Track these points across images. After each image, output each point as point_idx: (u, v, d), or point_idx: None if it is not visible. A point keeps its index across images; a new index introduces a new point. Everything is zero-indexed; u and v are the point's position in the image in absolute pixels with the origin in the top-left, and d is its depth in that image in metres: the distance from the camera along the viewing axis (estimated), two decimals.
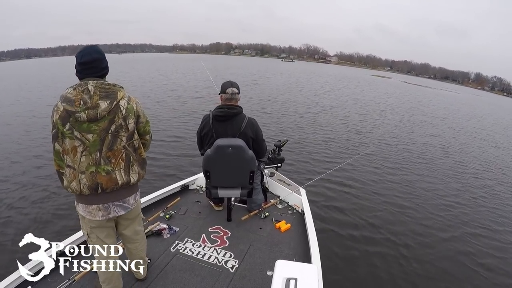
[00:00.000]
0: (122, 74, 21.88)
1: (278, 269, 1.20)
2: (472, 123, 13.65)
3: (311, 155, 6.11)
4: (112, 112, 1.28)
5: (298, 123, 8.92)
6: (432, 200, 4.56)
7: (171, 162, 5.13)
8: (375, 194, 4.54)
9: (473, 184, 5.53)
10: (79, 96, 1.23)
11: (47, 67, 35.94)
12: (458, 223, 3.96)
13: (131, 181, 1.38)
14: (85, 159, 1.27)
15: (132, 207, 1.46)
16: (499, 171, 6.64)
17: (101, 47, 1.37)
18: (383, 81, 42.86)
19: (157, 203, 2.56)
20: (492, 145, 9.24)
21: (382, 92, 23.32)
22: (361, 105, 13.96)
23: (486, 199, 4.87)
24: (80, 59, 1.28)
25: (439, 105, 20.00)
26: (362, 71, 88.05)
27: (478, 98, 43.55)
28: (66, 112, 1.23)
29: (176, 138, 6.61)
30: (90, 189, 1.29)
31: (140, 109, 1.43)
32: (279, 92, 16.10)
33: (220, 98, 2.20)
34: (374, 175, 5.30)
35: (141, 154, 1.44)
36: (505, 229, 3.95)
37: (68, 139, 1.25)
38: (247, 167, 2.03)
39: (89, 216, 1.35)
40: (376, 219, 3.78)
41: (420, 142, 8.16)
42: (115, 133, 1.30)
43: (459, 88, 75.54)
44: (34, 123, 7.44)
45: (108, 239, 1.44)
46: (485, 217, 4.23)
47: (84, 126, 1.24)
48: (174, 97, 12.17)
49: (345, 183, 4.76)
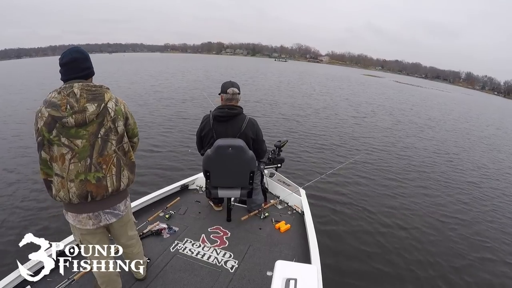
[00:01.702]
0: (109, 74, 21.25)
1: (277, 270, 1.20)
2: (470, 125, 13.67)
3: (311, 155, 6.11)
4: (100, 115, 1.22)
5: (299, 123, 8.91)
6: (433, 200, 4.55)
7: (171, 162, 5.13)
8: (375, 194, 4.54)
9: (484, 186, 5.54)
10: (64, 100, 1.16)
11: (37, 68, 34.76)
12: (461, 223, 3.96)
13: (121, 187, 1.33)
14: (74, 166, 1.20)
15: (123, 214, 1.42)
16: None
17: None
18: (375, 81, 42.81)
19: (157, 203, 2.56)
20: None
21: (380, 92, 23.33)
22: (361, 106, 13.96)
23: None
24: (61, 60, 1.23)
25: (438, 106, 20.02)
26: (353, 71, 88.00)
27: (471, 98, 43.67)
28: (51, 118, 1.15)
29: (176, 138, 6.61)
30: (80, 197, 1.23)
31: (128, 110, 1.38)
32: (280, 91, 16.12)
33: (221, 98, 2.18)
34: (375, 175, 5.30)
35: (131, 157, 1.39)
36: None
37: (56, 146, 1.19)
38: (247, 167, 2.02)
39: (79, 225, 1.32)
40: (376, 220, 3.79)
41: (419, 142, 8.16)
42: (105, 137, 1.24)
43: (450, 88, 75.84)
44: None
45: (100, 244, 1.42)
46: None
47: (72, 131, 1.18)
48: (170, 98, 12.18)
49: (345, 184, 4.76)
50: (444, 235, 3.64)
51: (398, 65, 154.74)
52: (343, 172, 5.00)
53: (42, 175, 1.26)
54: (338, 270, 2.79)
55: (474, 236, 3.70)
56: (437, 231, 3.71)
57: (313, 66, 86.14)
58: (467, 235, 3.71)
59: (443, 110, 17.63)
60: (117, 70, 26.62)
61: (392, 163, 6.20)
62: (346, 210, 3.97)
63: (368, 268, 2.90)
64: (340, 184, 4.73)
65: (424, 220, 3.94)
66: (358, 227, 3.59)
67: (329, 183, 4.62)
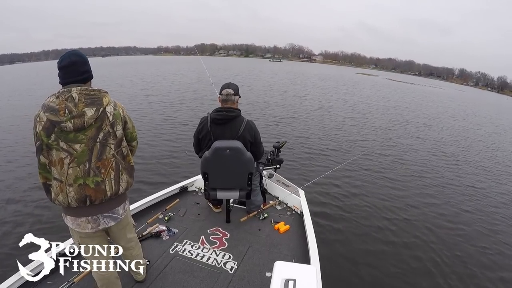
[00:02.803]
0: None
1: (277, 270, 1.20)
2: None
3: (310, 156, 6.11)
4: (99, 119, 1.23)
5: (297, 124, 8.92)
6: (433, 200, 4.56)
7: (170, 164, 5.12)
8: (374, 194, 4.54)
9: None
10: (63, 105, 1.16)
11: (28, 73, 33.09)
12: (464, 223, 3.96)
13: (119, 190, 1.33)
14: (73, 171, 1.21)
15: (121, 217, 1.42)
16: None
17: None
18: (369, 80, 42.61)
19: (156, 205, 2.56)
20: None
21: (378, 92, 23.37)
22: (357, 106, 13.98)
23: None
24: (60, 63, 1.24)
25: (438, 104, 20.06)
26: (347, 70, 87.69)
27: (464, 94, 43.73)
28: (50, 123, 1.16)
29: (175, 139, 6.61)
30: (78, 201, 1.23)
31: (127, 114, 1.38)
32: (280, 90, 16.14)
33: (218, 99, 2.19)
34: (374, 175, 5.31)
35: (130, 161, 1.39)
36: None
37: (55, 151, 1.19)
38: (245, 168, 2.03)
39: (78, 229, 1.32)
40: (376, 220, 3.79)
41: (418, 142, 8.18)
42: (104, 141, 1.25)
43: (444, 84, 76.03)
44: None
45: (100, 246, 1.42)
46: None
47: (70, 136, 1.18)
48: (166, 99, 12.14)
49: (345, 184, 4.77)
50: (444, 235, 3.64)
51: (392, 63, 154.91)
52: (342, 172, 5.01)
53: (41, 179, 1.26)
54: (337, 271, 2.79)
55: (475, 235, 3.70)
56: (438, 231, 3.70)
57: (307, 66, 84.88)
58: (467, 233, 3.72)
59: (439, 108, 17.68)
60: (109, 73, 26.39)
61: (391, 163, 6.20)
62: (345, 210, 3.97)
63: (368, 268, 2.90)
64: (340, 184, 4.73)
65: (425, 220, 3.94)
66: (357, 228, 3.59)
67: (328, 184, 4.62)
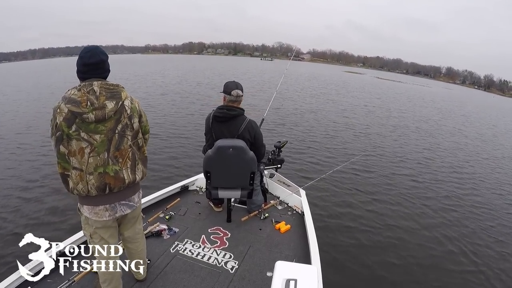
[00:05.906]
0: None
1: (277, 270, 1.20)
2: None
3: (311, 156, 6.11)
4: (118, 112, 1.31)
5: (298, 123, 8.92)
6: (434, 200, 4.55)
7: (171, 163, 5.14)
8: (375, 195, 4.53)
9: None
10: (85, 97, 1.23)
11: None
12: (465, 225, 3.95)
13: (136, 179, 1.41)
14: (93, 160, 1.27)
15: (136, 205, 1.49)
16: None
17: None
18: (357, 78, 42.42)
19: (157, 204, 2.56)
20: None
21: (378, 93, 23.32)
22: (360, 106, 13.97)
23: None
24: (88, 60, 1.30)
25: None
26: (335, 68, 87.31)
27: (452, 92, 43.67)
28: (71, 114, 1.22)
29: (178, 138, 6.62)
30: (98, 189, 1.29)
31: (142, 108, 1.47)
32: (281, 89, 16.06)
33: (223, 98, 2.16)
34: (374, 176, 5.30)
35: (144, 152, 1.48)
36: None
37: (75, 141, 1.25)
38: (247, 168, 2.03)
39: (95, 217, 1.36)
40: (376, 220, 3.78)
41: (418, 141, 8.16)
42: (122, 133, 1.33)
43: (431, 82, 75.66)
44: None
45: (111, 239, 1.45)
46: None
47: (91, 126, 1.25)
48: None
49: (345, 184, 4.76)
50: (445, 236, 3.63)
51: (380, 62, 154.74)
52: (344, 172, 5.00)
53: (60, 169, 1.30)
54: (338, 271, 2.79)
55: (474, 237, 3.69)
56: (439, 232, 3.69)
57: (296, 64, 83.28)
58: (468, 233, 3.71)
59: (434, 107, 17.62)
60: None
61: (391, 163, 6.20)
62: (346, 210, 3.96)
63: (368, 269, 2.90)
64: (341, 184, 4.73)
65: (425, 221, 3.93)
66: (358, 228, 3.58)
67: (330, 184, 4.62)
